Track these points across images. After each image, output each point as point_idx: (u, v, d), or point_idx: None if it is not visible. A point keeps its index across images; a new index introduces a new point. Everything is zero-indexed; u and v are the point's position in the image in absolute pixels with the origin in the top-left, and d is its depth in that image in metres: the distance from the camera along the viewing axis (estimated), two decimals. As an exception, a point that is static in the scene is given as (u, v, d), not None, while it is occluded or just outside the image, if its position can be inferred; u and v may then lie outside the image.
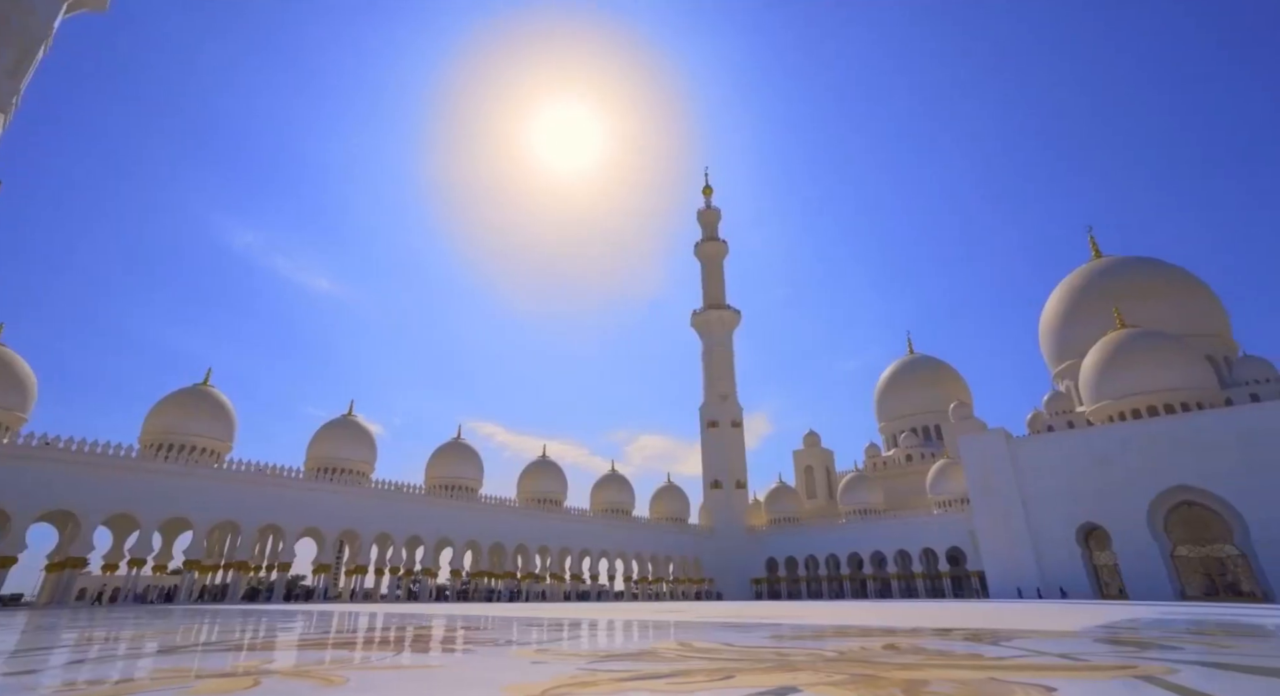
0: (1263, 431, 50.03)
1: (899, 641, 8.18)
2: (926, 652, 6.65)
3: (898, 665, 5.44)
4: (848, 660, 5.85)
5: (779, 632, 10.27)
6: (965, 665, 5.57)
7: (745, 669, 5.25)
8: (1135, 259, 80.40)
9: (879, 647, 7.16)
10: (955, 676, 4.78)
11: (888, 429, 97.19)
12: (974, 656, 6.34)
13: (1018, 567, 57.67)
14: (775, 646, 7.44)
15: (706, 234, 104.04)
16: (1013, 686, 4.29)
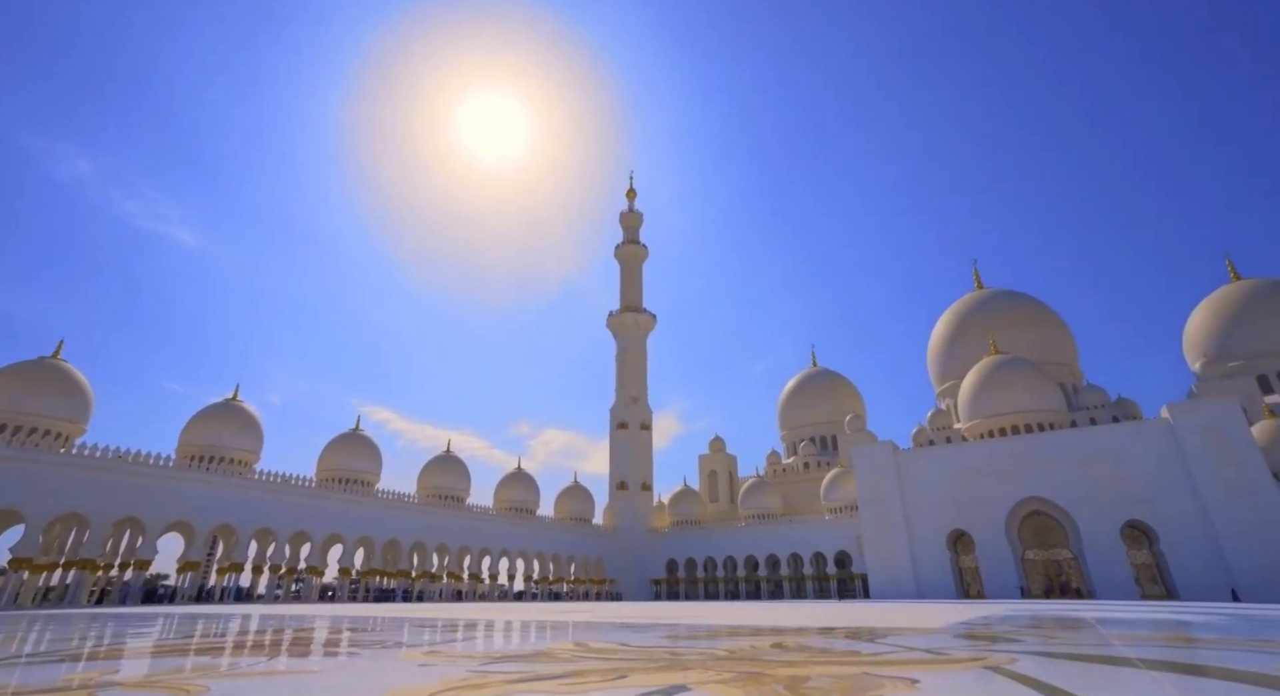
0: (1094, 450, 57.34)
1: (786, 640, 8.59)
2: (810, 650, 7.04)
3: (782, 662, 5.73)
4: (737, 658, 6.09)
5: (675, 632, 10.50)
6: (843, 661, 5.95)
7: (639, 668, 5.34)
8: (1008, 292, 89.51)
9: (767, 646, 7.50)
10: (833, 672, 5.10)
11: (789, 437, 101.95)
12: (852, 653, 6.78)
13: (896, 570, 62.34)
14: (670, 646, 7.61)
15: (627, 236, 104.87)
16: (882, 680, 4.65)
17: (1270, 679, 4.73)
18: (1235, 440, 51.64)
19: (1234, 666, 5.78)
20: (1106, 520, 54.66)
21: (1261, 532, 48.41)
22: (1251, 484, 49.99)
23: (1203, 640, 9.06)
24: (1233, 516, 49.75)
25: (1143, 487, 54.18)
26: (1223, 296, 76.35)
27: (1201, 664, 6.12)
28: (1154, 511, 53.13)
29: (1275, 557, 47.55)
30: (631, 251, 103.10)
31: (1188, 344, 78.51)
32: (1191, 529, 51.26)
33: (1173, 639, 9.27)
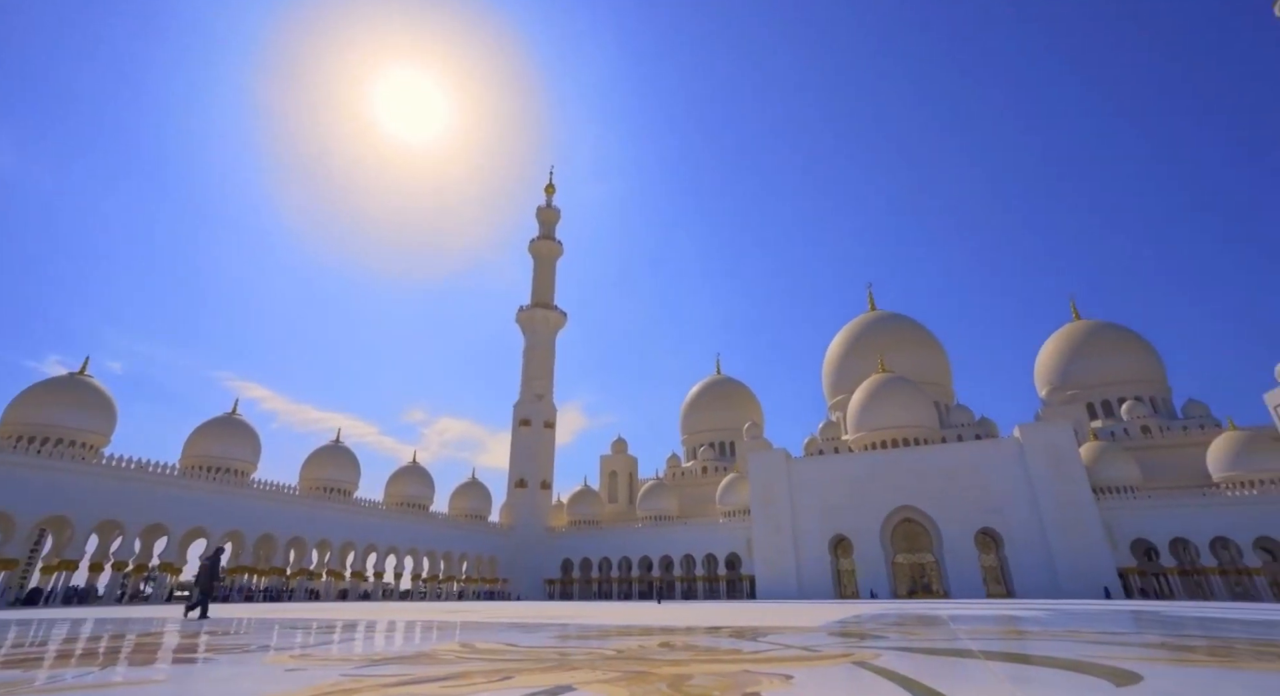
0: (959, 464, 63.61)
1: (674, 639, 8.81)
2: (696, 649, 7.27)
3: (668, 661, 5.89)
4: (625, 658, 6.18)
5: (566, 632, 10.46)
6: (726, 659, 6.20)
7: (526, 669, 5.28)
8: (897, 316, 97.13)
9: (655, 645, 7.67)
10: (716, 670, 5.31)
11: (689, 441, 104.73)
12: (734, 651, 7.07)
13: (782, 572, 65.71)
14: (559, 646, 7.58)
15: (543, 232, 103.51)
16: (760, 676, 4.91)
17: (1076, 663, 5.50)
18: (1067, 458, 59.10)
19: (1051, 654, 6.62)
20: (964, 527, 60.65)
21: (1081, 539, 55.72)
22: (1076, 497, 57.39)
23: (1029, 632, 10.29)
24: (1061, 525, 56.88)
25: (995, 498, 60.63)
26: (1066, 333, 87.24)
27: (1027, 652, 6.96)
28: (1003, 520, 59.61)
29: (1091, 560, 54.86)
30: (546, 247, 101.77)
31: (1037, 372, 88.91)
32: (1030, 535, 58.03)
33: (1007, 632, 10.45)
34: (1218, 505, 54.91)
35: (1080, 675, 4.93)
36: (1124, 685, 4.30)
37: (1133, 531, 56.54)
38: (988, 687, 4.44)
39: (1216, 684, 4.47)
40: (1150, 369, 79.36)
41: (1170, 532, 55.51)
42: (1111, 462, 62.99)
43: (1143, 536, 56.33)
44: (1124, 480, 61.68)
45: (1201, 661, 5.83)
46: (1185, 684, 4.43)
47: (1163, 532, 55.74)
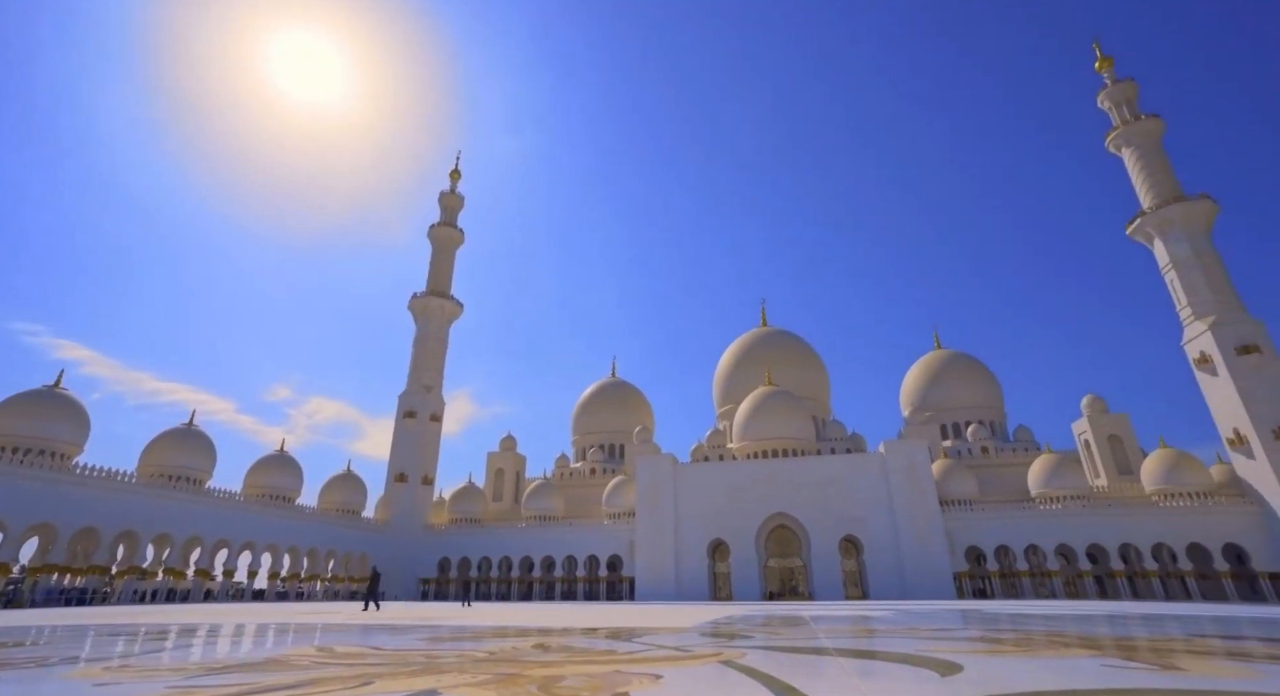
0: (829, 475, 68.61)
1: (551, 640, 8.75)
2: (571, 650, 7.26)
3: (541, 663, 5.84)
4: (497, 660, 6.06)
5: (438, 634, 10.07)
6: (600, 660, 6.25)
7: (389, 673, 5.03)
8: (786, 332, 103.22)
9: (529, 647, 7.57)
10: (588, 670, 5.34)
11: (580, 442, 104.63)
12: (609, 652, 7.15)
13: (661, 574, 67.30)
14: (428, 648, 7.28)
15: (445, 218, 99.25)
16: (631, 676, 5.00)
17: (913, 657, 6.12)
18: (921, 473, 65.60)
19: (893, 649, 7.32)
20: (831, 534, 65.40)
21: (927, 546, 62.04)
22: (926, 508, 63.86)
23: (878, 631, 11.28)
24: (912, 533, 63.02)
25: (859, 508, 65.94)
26: (928, 361, 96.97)
27: (874, 649, 7.63)
28: (864, 528, 64.96)
29: (934, 565, 61.21)
30: (446, 234, 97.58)
31: (902, 394, 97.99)
32: (885, 542, 63.71)
33: (858, 631, 11.39)
34: (1031, 517, 63.23)
35: (915, 667, 5.49)
36: (948, 675, 4.85)
37: (967, 539, 63.67)
38: (838, 682, 4.83)
39: (1019, 669, 5.16)
40: (992, 396, 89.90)
41: (996, 540, 63.11)
42: (956, 478, 70.59)
43: (975, 544, 63.58)
44: (964, 494, 69.32)
45: (1010, 651, 6.68)
46: (996, 671, 5.07)
47: (990, 540, 63.25)
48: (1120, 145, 72.49)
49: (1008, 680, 4.61)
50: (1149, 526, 59.30)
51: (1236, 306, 60.65)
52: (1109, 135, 73.57)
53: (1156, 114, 71.07)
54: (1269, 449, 54.78)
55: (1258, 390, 56.46)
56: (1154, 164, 69.15)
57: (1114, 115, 73.86)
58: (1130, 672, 5.02)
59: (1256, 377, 56.88)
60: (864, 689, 4.39)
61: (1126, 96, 73.57)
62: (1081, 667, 5.32)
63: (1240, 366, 57.42)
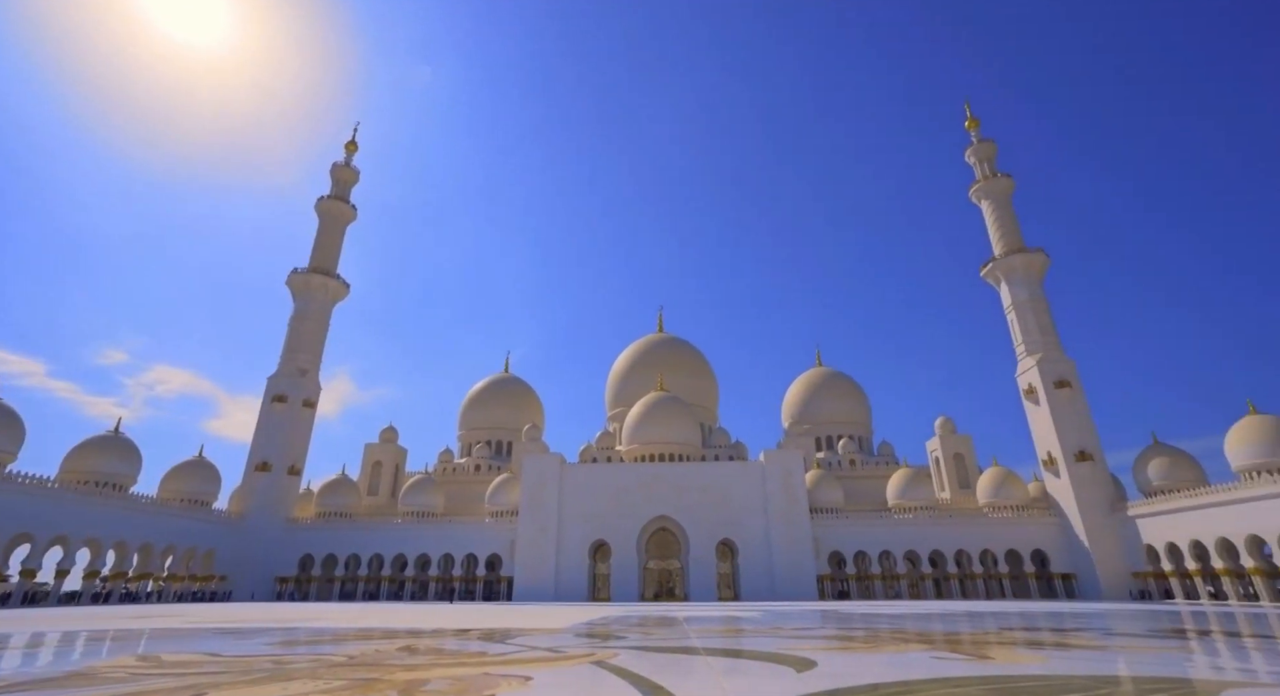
0: (712, 481, 71.35)
1: (420, 643, 8.37)
2: (440, 652, 6.99)
3: (405, 666, 5.57)
4: (357, 664, 5.70)
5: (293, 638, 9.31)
6: (469, 662, 6.07)
7: (225, 683, 4.57)
8: (680, 340, 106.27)
9: (394, 649, 7.20)
10: (455, 673, 5.16)
11: (466, 437, 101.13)
12: (480, 653, 6.96)
13: (541, 574, 66.48)
14: (278, 654, 6.71)
15: (336, 191, 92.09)
16: (499, 679, 4.90)
17: (774, 655, 6.52)
18: (795, 482, 69.98)
19: (757, 648, 7.74)
20: (709, 538, 67.93)
21: (796, 550, 66.27)
22: (797, 515, 68.21)
23: (745, 630, 11.87)
24: (783, 538, 67.02)
25: (737, 513, 69.06)
26: (809, 376, 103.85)
27: (740, 648, 8.02)
28: (740, 532, 68.11)
29: (801, 568, 65.48)
30: (336, 209, 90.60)
31: (784, 406, 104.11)
32: (758, 546, 67.23)
33: (727, 630, 11.92)
34: (887, 525, 69.50)
35: (775, 664, 5.84)
36: (803, 671, 5.21)
37: (832, 544, 68.70)
38: (704, 680, 5.02)
39: (866, 664, 5.65)
40: (862, 413, 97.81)
41: (856, 546, 68.64)
42: (825, 488, 75.98)
43: (838, 549, 68.75)
44: (832, 502, 74.78)
45: (859, 648, 7.29)
46: (845, 666, 5.52)
47: (851, 546, 68.68)
48: (980, 197, 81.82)
49: (854, 674, 5.03)
50: (979, 535, 67.12)
51: (1057, 346, 70.34)
52: (971, 187, 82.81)
53: (1009, 173, 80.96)
54: (1071, 470, 63.97)
55: (1067, 419, 65.80)
56: (1005, 216, 78.72)
57: (977, 170, 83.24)
58: (954, 663, 5.68)
59: (1067, 409, 66.28)
60: (727, 686, 4.61)
61: (987, 155, 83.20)
62: (916, 660, 5.92)
63: (1057, 398, 66.63)
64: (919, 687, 4.23)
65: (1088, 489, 63.09)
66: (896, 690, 4.10)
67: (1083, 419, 66.16)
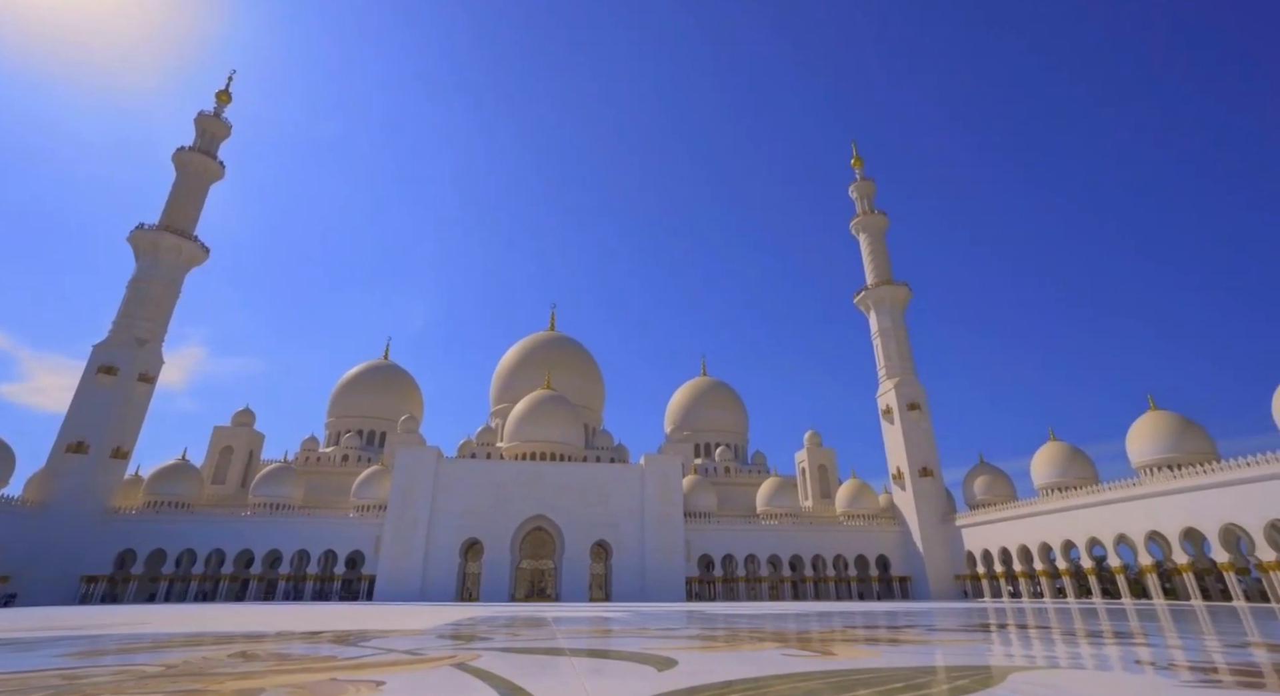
0: (591, 482, 71.64)
1: (260, 648, 7.65)
2: (283, 658, 6.42)
3: (238, 675, 5.04)
4: (177, 675, 5.07)
5: (97, 647, 8.13)
6: (315, 668, 5.62)
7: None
8: (571, 339, 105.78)
9: (226, 656, 6.50)
10: (297, 681, 4.75)
11: (335, 425, 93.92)
12: (329, 658, 6.47)
13: (407, 572, 63.04)
14: (73, 667, 5.82)
15: (200, 144, 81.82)
16: (347, 685, 4.57)
17: (637, 655, 6.65)
18: (672, 487, 72.08)
19: (623, 648, 7.85)
20: (584, 538, 68.02)
21: (668, 553, 68.21)
22: (672, 519, 70.25)
23: (613, 631, 12.01)
24: (657, 540, 68.70)
25: (614, 515, 69.78)
26: (693, 384, 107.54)
27: (606, 648, 8.10)
28: (616, 534, 68.88)
29: (672, 570, 67.43)
30: (199, 164, 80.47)
31: (668, 412, 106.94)
32: (632, 548, 68.37)
33: (595, 631, 12.00)
34: (754, 531, 73.52)
35: (638, 664, 5.96)
36: (664, 670, 5.36)
37: (702, 548, 71.41)
38: (567, 681, 5.01)
39: (723, 662, 5.92)
40: (740, 423, 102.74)
41: (724, 550, 71.88)
42: (701, 493, 78.88)
43: (708, 552, 71.58)
44: (706, 507, 77.77)
45: (719, 647, 7.62)
46: (704, 664, 5.75)
47: (719, 550, 71.81)
48: (858, 231, 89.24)
49: (712, 672, 5.25)
50: (834, 541, 72.85)
51: (912, 372, 78.24)
52: (852, 221, 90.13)
53: (884, 211, 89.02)
54: (915, 484, 71.35)
55: (915, 438, 73.36)
56: (877, 250, 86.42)
57: (857, 205, 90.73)
58: (802, 659, 6.11)
59: (916, 429, 73.89)
60: (589, 686, 4.63)
61: (867, 192, 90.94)
62: (769, 658, 6.30)
63: (908, 419, 74.06)
64: (769, 683, 4.50)
65: (927, 501, 70.60)
66: (748, 685, 4.34)
67: (927, 439, 73.98)
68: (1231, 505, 41.59)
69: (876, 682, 4.53)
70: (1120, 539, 49.62)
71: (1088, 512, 52.00)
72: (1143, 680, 4.93)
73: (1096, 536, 51.11)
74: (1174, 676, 5.02)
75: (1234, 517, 41.45)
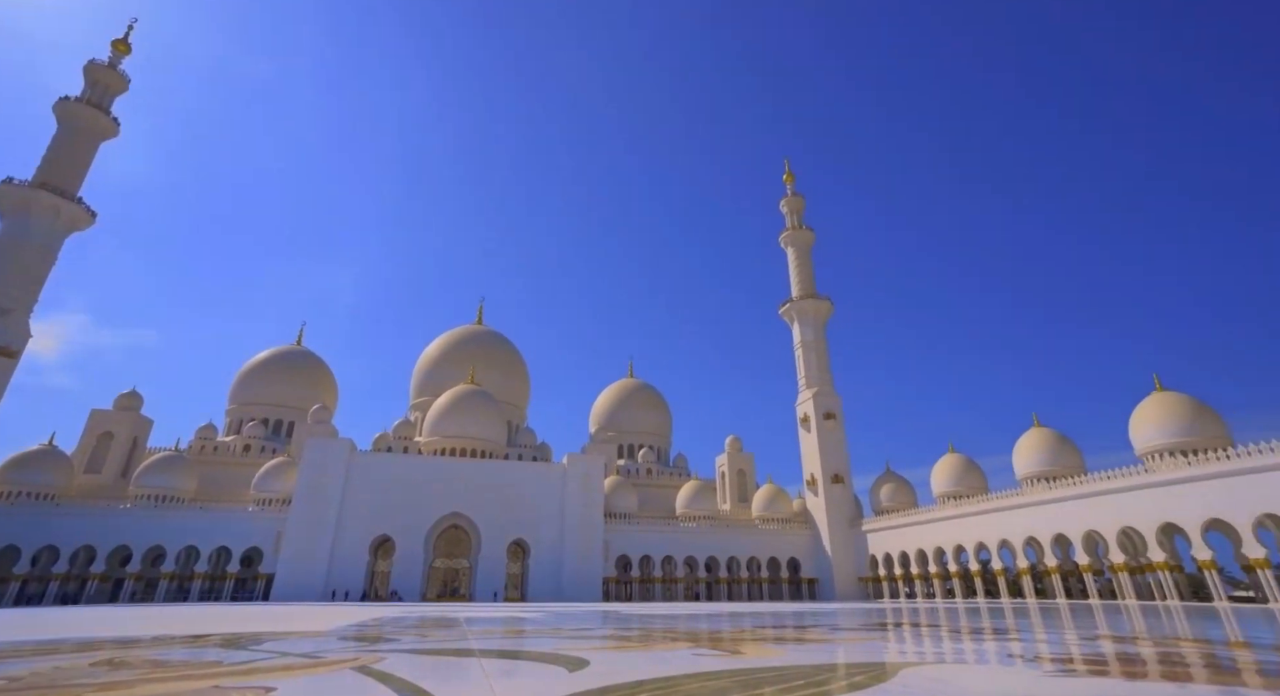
0: (512, 480, 70.38)
1: (132, 654, 7.00)
2: (159, 666, 5.90)
3: (97, 686, 4.57)
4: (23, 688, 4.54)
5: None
6: (197, 675, 5.20)
7: None
8: (498, 334, 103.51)
9: (88, 665, 5.89)
10: (172, 689, 4.38)
11: (237, 412, 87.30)
12: (213, 664, 6.01)
13: (311, 571, 59.43)
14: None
15: (91, 95, 72.79)
16: (231, 691, 4.26)
17: (550, 655, 6.58)
18: (594, 487, 71.95)
19: (535, 649, 7.75)
20: (502, 537, 66.65)
21: (587, 553, 67.99)
22: (592, 519, 70.12)
23: (526, 631, 11.84)
24: (576, 540, 68.33)
25: (534, 514, 68.78)
26: (620, 386, 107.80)
27: (518, 649, 7.96)
28: (534, 533, 67.92)
29: (589, 570, 67.24)
30: (87, 117, 71.95)
31: (593, 413, 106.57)
32: (550, 547, 67.66)
33: (508, 632, 11.78)
34: (673, 532, 74.59)
35: (549, 665, 5.90)
36: (575, 670, 5.33)
37: (621, 548, 71.68)
38: (475, 682, 4.88)
39: (635, 661, 5.96)
40: (664, 425, 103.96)
41: (643, 551, 72.48)
42: (622, 494, 79.18)
43: (626, 552, 71.92)
44: (626, 508, 78.14)
45: (633, 647, 7.67)
46: (616, 664, 5.77)
47: (638, 550, 72.34)
48: (786, 244, 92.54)
49: (623, 672, 5.28)
50: (750, 544, 75.04)
51: (829, 383, 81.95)
52: (781, 235, 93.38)
53: (811, 227, 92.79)
54: (827, 490, 74.74)
55: (829, 447, 76.84)
56: (803, 264, 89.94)
57: (787, 220, 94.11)
58: (712, 658, 6.25)
59: (830, 438, 77.42)
60: (497, 687, 4.54)
61: (797, 208, 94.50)
62: (680, 657, 6.40)
63: (824, 428, 77.48)
64: (679, 682, 4.57)
65: (837, 507, 74.08)
66: (659, 685, 4.39)
67: (840, 447, 77.62)
68: (1092, 514, 46.26)
69: (781, 680, 4.70)
70: (1003, 544, 54.05)
71: (977, 520, 56.28)
72: (1013, 671, 5.39)
73: (984, 541, 55.40)
74: (1039, 667, 5.53)
75: (1094, 525, 46.09)
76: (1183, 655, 6.85)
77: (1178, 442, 47.58)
